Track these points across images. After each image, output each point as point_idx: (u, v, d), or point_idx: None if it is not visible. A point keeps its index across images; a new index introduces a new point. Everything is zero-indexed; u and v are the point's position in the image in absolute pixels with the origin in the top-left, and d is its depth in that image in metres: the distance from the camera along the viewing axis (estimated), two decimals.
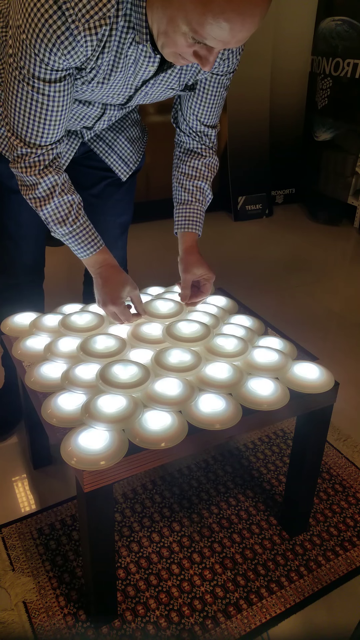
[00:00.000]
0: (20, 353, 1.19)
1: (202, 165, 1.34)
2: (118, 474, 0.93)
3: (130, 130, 1.40)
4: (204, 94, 1.24)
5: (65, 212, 1.16)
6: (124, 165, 1.42)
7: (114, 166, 1.41)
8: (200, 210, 1.35)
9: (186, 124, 1.31)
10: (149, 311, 1.28)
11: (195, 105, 1.26)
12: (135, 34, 0.97)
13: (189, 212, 1.34)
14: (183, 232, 1.34)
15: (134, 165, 1.44)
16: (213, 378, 1.09)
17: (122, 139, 1.39)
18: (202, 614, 1.17)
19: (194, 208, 1.34)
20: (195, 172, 1.34)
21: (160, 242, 3.30)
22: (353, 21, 3.22)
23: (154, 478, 1.51)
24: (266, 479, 1.53)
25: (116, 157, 1.39)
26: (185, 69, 1.13)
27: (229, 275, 2.84)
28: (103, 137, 1.36)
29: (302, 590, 1.23)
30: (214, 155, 1.36)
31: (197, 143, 1.33)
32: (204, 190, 1.35)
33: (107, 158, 1.39)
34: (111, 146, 1.38)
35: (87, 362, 1.11)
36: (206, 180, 1.35)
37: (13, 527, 1.36)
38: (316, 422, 1.19)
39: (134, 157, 1.43)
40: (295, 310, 2.50)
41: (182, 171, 1.34)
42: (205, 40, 0.88)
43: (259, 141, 3.65)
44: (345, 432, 1.72)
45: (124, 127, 1.39)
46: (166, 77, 1.12)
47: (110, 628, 1.14)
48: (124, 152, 1.40)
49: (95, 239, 1.20)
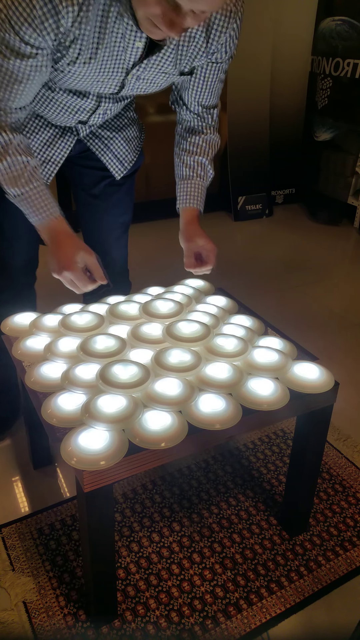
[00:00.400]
0: (20, 353, 1.19)
1: (203, 142, 1.34)
2: (118, 474, 0.93)
3: (127, 129, 1.40)
4: (203, 80, 1.24)
5: (17, 172, 1.12)
6: (119, 164, 1.41)
7: (109, 164, 1.40)
8: (200, 185, 1.35)
9: (186, 107, 1.31)
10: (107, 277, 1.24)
11: (194, 90, 1.26)
12: (119, 6, 0.96)
13: (190, 187, 1.34)
14: (184, 207, 1.34)
15: (129, 164, 1.44)
16: (213, 378, 1.09)
17: (119, 137, 1.39)
18: (202, 614, 1.17)
19: (196, 183, 1.34)
20: (195, 148, 1.34)
21: (160, 242, 3.30)
22: (353, 21, 3.22)
23: (154, 478, 1.51)
24: (266, 479, 1.53)
25: (112, 156, 1.39)
26: (181, 53, 1.12)
27: (229, 275, 2.84)
28: (99, 135, 1.36)
29: (302, 590, 1.23)
30: (215, 132, 1.37)
31: (198, 121, 1.34)
32: (205, 165, 1.35)
33: (102, 156, 1.39)
34: (107, 145, 1.38)
35: (87, 362, 1.11)
36: (206, 155, 1.35)
37: (13, 527, 1.36)
38: (316, 422, 1.19)
39: (130, 157, 1.43)
40: (295, 310, 2.50)
41: (183, 147, 1.35)
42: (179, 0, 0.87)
43: (259, 141, 3.65)
44: (345, 432, 1.72)
45: (121, 126, 1.38)
46: (159, 60, 1.11)
47: (110, 628, 1.14)
48: (120, 151, 1.40)
49: (49, 207, 1.17)
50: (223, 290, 1.53)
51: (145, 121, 3.36)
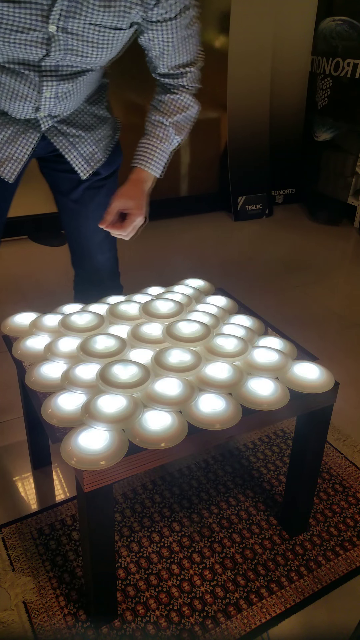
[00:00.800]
0: (20, 353, 1.19)
1: (169, 100, 1.26)
2: (118, 474, 0.93)
3: (97, 129, 1.35)
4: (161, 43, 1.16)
5: None
6: (85, 163, 1.36)
7: (74, 163, 1.35)
8: (154, 145, 1.26)
9: (157, 70, 1.25)
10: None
11: (155, 54, 1.19)
12: None
13: (144, 147, 1.27)
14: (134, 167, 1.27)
15: (97, 164, 1.38)
16: (213, 378, 1.09)
17: (87, 137, 1.34)
18: (202, 614, 1.17)
19: (152, 144, 1.26)
20: (160, 106, 1.27)
21: (160, 242, 3.30)
22: (353, 21, 3.22)
23: (154, 478, 1.51)
24: (266, 479, 1.53)
25: (77, 154, 1.34)
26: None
27: (229, 275, 2.84)
28: (64, 132, 1.31)
29: (302, 590, 1.23)
30: (187, 94, 1.27)
31: (169, 80, 1.26)
32: (165, 127, 1.27)
33: (67, 154, 1.34)
34: (73, 143, 1.33)
35: (87, 362, 1.11)
36: (169, 116, 1.26)
37: (13, 527, 1.36)
38: (316, 422, 1.19)
39: (98, 156, 1.38)
40: (295, 310, 2.50)
41: (152, 104, 1.29)
42: None
43: (259, 141, 3.65)
44: (345, 432, 1.72)
45: (89, 125, 1.34)
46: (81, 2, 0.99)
47: (110, 628, 1.14)
48: (87, 150, 1.35)
49: None
50: (223, 290, 1.53)
51: (145, 121, 3.37)
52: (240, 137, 3.57)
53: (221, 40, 3.34)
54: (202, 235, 3.46)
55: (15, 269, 2.44)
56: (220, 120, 3.60)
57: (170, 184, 3.65)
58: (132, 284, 1.69)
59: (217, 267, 2.95)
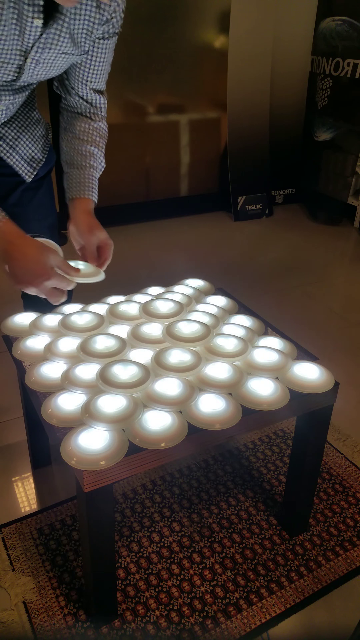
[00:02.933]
0: (20, 353, 1.19)
1: (93, 130, 1.28)
2: (118, 474, 0.93)
3: (32, 128, 1.34)
4: (93, 60, 1.18)
5: None
6: (28, 165, 1.35)
7: (17, 167, 1.33)
8: (94, 176, 1.27)
9: (75, 92, 1.25)
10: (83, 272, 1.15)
11: (85, 72, 1.20)
12: None
13: (83, 177, 1.26)
14: (79, 198, 1.25)
15: (38, 164, 1.37)
16: (213, 378, 1.09)
17: (24, 138, 1.32)
18: (202, 614, 1.17)
19: (89, 173, 1.26)
20: (86, 136, 1.27)
21: (160, 242, 3.30)
22: (353, 21, 3.22)
23: (154, 478, 1.51)
24: (266, 479, 1.53)
25: (19, 157, 1.32)
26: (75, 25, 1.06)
27: (229, 275, 2.84)
28: (3, 136, 1.30)
29: (302, 590, 1.23)
30: (103, 120, 1.30)
31: (85, 107, 1.28)
32: (96, 156, 1.28)
33: (9, 158, 1.32)
34: (13, 146, 1.31)
35: (87, 362, 1.11)
36: (99, 146, 1.28)
37: (13, 527, 1.36)
38: (316, 422, 1.19)
39: (38, 156, 1.36)
40: (295, 310, 2.50)
41: (73, 134, 1.27)
42: None
43: (259, 141, 3.65)
44: (345, 432, 1.72)
45: (25, 126, 1.32)
46: (55, 38, 1.04)
47: (110, 628, 1.14)
48: (27, 151, 1.33)
49: None
50: (223, 290, 1.53)
51: (145, 121, 3.37)
52: (240, 137, 3.57)
53: (221, 40, 3.34)
54: (202, 235, 3.46)
55: None
56: (220, 120, 3.60)
57: (170, 184, 3.66)
58: (132, 284, 1.69)
59: (217, 267, 2.95)
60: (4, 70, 1.06)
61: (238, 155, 3.61)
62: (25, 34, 1.00)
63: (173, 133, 3.49)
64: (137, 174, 3.49)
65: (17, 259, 1.03)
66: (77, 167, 1.26)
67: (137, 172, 3.49)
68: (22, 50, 1.03)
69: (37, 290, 1.08)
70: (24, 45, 1.02)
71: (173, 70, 3.29)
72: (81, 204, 1.25)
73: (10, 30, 0.98)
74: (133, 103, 3.23)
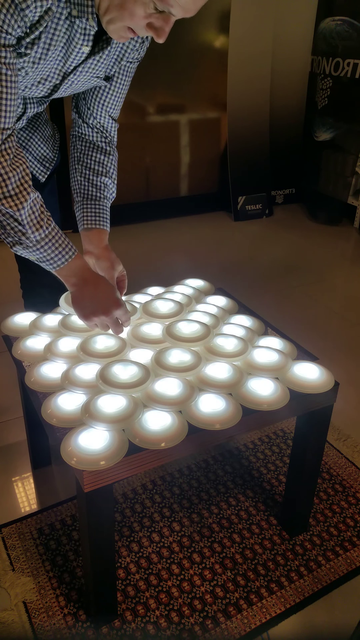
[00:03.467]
0: (20, 353, 1.19)
1: (109, 162, 1.30)
2: (118, 474, 0.93)
3: (42, 129, 1.35)
4: (117, 84, 1.20)
5: (39, 211, 1.03)
6: (41, 165, 1.37)
7: (32, 168, 1.35)
8: (107, 207, 1.30)
9: (93, 117, 1.26)
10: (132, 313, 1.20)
11: (106, 96, 1.22)
12: (72, 7, 0.92)
13: (98, 208, 1.28)
14: (95, 229, 1.28)
15: (51, 164, 1.39)
16: (213, 378, 1.09)
17: (36, 138, 1.34)
18: (202, 614, 1.17)
19: (103, 205, 1.29)
20: (101, 168, 1.29)
21: (160, 242, 3.30)
22: (353, 21, 3.22)
23: (154, 478, 1.51)
24: (266, 479, 1.53)
25: (32, 158, 1.34)
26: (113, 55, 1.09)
27: (229, 275, 2.84)
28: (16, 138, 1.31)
29: (302, 590, 1.23)
30: (115, 152, 1.33)
31: (99, 136, 1.29)
32: (109, 187, 1.31)
33: None
34: (25, 147, 1.33)
35: (87, 362, 1.11)
36: (112, 177, 1.31)
37: (13, 527, 1.36)
38: (316, 422, 1.19)
39: (50, 156, 1.38)
40: (295, 310, 2.50)
41: (87, 165, 1.28)
42: (171, 9, 0.88)
43: (259, 141, 3.65)
44: (345, 432, 1.72)
45: (36, 126, 1.34)
46: (94, 63, 1.07)
47: (110, 628, 1.14)
48: (40, 151, 1.35)
49: (69, 242, 1.08)
50: (223, 290, 1.53)
51: (145, 121, 3.37)
52: (240, 137, 3.57)
53: (221, 40, 3.34)
54: (202, 235, 3.46)
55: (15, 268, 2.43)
56: (220, 120, 3.60)
57: (170, 184, 3.66)
58: (132, 284, 1.69)
59: (217, 267, 2.95)
60: (42, 88, 1.09)
61: (238, 155, 3.61)
62: (70, 57, 1.02)
63: (173, 133, 3.49)
64: (137, 174, 3.49)
65: (93, 290, 1.11)
66: (91, 199, 1.28)
67: (137, 172, 3.49)
68: (62, 72, 1.06)
69: (107, 318, 1.13)
70: (66, 68, 1.05)
71: (173, 70, 3.29)
72: (98, 236, 1.27)
73: (57, 54, 1.00)
74: (133, 103, 3.23)
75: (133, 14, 0.89)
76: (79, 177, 1.29)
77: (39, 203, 1.03)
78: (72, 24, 0.96)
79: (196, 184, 3.71)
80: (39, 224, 1.02)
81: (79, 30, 0.97)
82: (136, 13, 0.89)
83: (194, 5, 0.88)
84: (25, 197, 0.99)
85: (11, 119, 0.97)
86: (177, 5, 0.87)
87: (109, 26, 0.94)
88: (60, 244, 1.07)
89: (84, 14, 0.93)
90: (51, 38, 0.96)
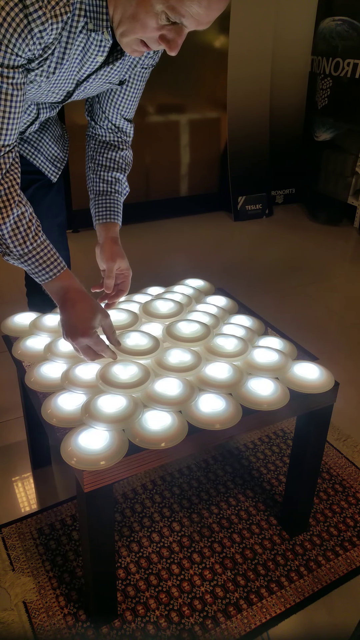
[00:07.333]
0: (20, 353, 1.19)
1: (119, 158, 1.30)
2: (118, 474, 0.93)
3: (52, 129, 1.36)
4: (130, 88, 1.21)
5: (25, 226, 1.02)
6: (52, 165, 1.37)
7: (43, 168, 1.35)
8: (119, 201, 1.30)
9: (106, 118, 1.27)
10: (123, 344, 1.15)
11: (120, 99, 1.23)
12: (88, 21, 0.93)
13: (109, 203, 1.29)
14: (105, 222, 1.28)
15: (62, 164, 1.40)
16: (213, 378, 1.09)
17: (47, 139, 1.34)
18: (202, 614, 1.17)
19: (114, 199, 1.29)
20: (112, 164, 1.30)
21: (160, 242, 3.30)
22: (353, 21, 3.22)
23: (154, 478, 1.51)
24: (266, 479, 1.53)
25: (43, 159, 1.35)
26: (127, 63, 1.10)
27: (229, 275, 2.84)
28: (27, 139, 1.32)
29: (302, 590, 1.23)
30: (129, 148, 1.33)
31: (113, 136, 1.30)
32: (122, 181, 1.31)
33: (34, 160, 1.34)
34: (37, 147, 1.33)
35: (87, 362, 1.11)
36: (123, 172, 1.31)
37: (13, 527, 1.36)
38: (316, 422, 1.19)
39: (61, 156, 1.39)
40: (295, 310, 2.50)
41: (99, 162, 1.30)
42: (183, 19, 0.87)
43: (259, 141, 3.65)
44: (345, 432, 1.72)
45: (46, 127, 1.34)
46: (108, 71, 1.09)
47: (110, 628, 1.14)
48: (51, 152, 1.36)
49: (57, 259, 1.07)
50: (223, 290, 1.53)
51: (145, 121, 3.37)
52: (240, 137, 3.57)
53: (221, 40, 3.34)
54: (202, 235, 3.46)
55: (16, 268, 2.44)
56: (220, 120, 3.60)
57: (170, 184, 3.65)
58: (132, 284, 1.69)
59: (217, 267, 2.94)
60: (56, 95, 1.10)
61: (238, 155, 3.60)
62: (84, 66, 1.03)
63: (173, 133, 3.49)
64: (137, 174, 3.49)
65: (68, 312, 1.07)
66: (103, 194, 1.29)
67: (137, 172, 3.48)
68: (76, 80, 1.07)
69: (74, 343, 1.08)
70: (80, 76, 1.06)
71: (173, 70, 3.29)
72: (107, 230, 1.28)
73: (73, 63, 1.01)
74: None
75: (145, 26, 0.89)
76: (92, 175, 1.30)
77: (27, 218, 1.03)
78: (87, 37, 0.97)
79: (196, 184, 3.71)
80: (22, 240, 1.02)
81: (95, 43, 0.98)
82: (148, 24, 0.89)
83: (207, 17, 0.87)
84: (8, 213, 1.00)
85: (13, 137, 0.99)
86: (189, 16, 0.86)
87: (122, 39, 0.95)
88: (45, 261, 1.05)
89: (99, 27, 0.94)
90: (66, 52, 0.97)
